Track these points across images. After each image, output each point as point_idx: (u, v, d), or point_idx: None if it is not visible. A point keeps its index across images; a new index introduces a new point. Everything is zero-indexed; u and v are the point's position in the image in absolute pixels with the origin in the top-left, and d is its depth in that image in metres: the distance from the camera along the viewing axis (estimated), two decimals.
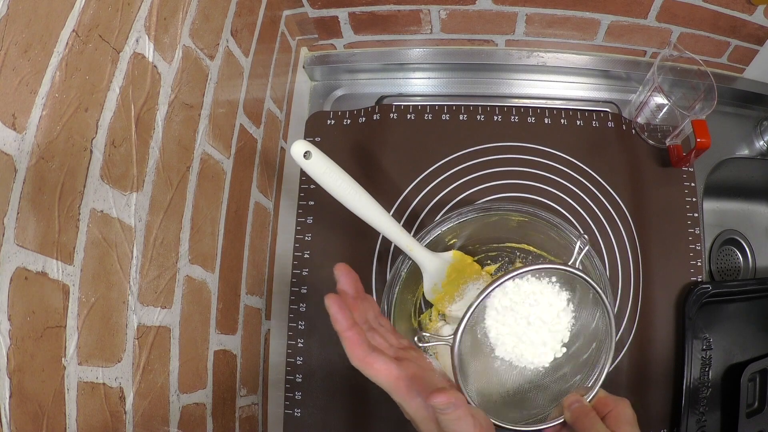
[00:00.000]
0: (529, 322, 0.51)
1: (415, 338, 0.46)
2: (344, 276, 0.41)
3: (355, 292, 0.41)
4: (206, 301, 0.51)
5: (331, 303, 0.37)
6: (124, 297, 0.39)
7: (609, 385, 0.49)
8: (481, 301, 0.46)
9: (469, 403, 0.46)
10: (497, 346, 0.52)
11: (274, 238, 0.69)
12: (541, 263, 0.48)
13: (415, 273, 0.57)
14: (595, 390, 0.47)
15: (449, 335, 0.46)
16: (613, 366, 0.61)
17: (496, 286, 0.46)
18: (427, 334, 0.52)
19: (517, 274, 0.47)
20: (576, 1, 0.66)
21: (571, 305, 0.52)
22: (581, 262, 0.53)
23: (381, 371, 0.37)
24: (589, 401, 0.46)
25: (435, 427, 0.38)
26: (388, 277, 0.60)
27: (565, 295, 0.52)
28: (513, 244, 0.61)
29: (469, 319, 0.46)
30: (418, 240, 0.55)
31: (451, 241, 0.59)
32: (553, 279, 0.51)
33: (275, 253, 0.69)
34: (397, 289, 0.56)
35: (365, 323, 0.41)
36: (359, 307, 0.41)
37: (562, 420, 0.47)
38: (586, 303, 0.51)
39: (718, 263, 0.83)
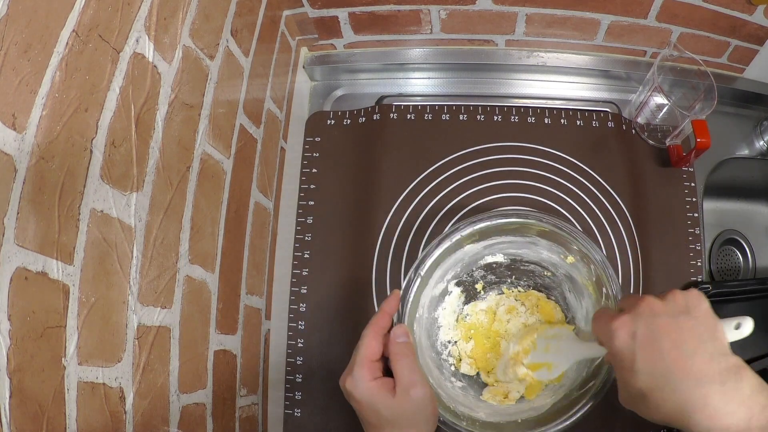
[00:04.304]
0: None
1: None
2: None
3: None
4: (206, 301, 0.51)
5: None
6: (124, 297, 0.39)
7: (609, 387, 0.49)
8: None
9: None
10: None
11: (274, 238, 0.69)
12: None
13: None
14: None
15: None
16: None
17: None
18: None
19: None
20: (576, 1, 0.66)
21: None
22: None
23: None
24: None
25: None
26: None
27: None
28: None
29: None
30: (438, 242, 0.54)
31: (468, 244, 0.56)
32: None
33: (275, 253, 0.69)
34: None
35: None
36: None
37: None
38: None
39: (718, 263, 0.83)
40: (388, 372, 0.46)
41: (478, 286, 0.60)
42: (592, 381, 0.50)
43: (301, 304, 0.66)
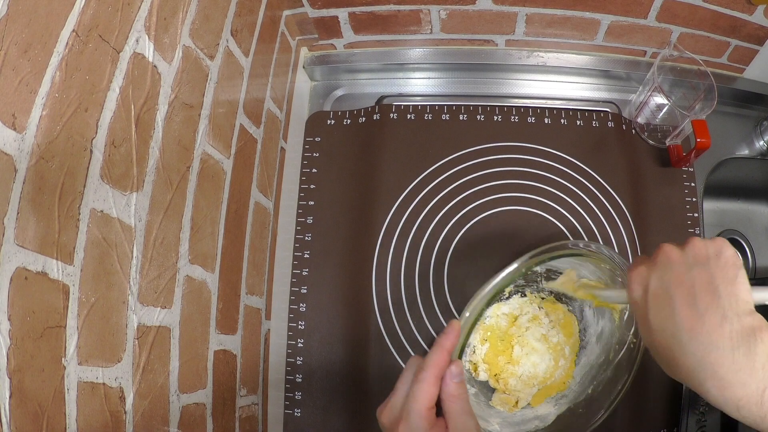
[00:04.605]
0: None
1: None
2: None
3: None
4: (206, 301, 0.51)
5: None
6: (124, 297, 0.39)
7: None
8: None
9: None
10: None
11: (274, 238, 0.69)
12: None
13: None
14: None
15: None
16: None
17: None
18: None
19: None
20: (576, 1, 0.66)
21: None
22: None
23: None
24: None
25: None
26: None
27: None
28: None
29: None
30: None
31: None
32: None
33: (275, 253, 0.69)
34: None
35: None
36: None
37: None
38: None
39: None
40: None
41: (507, 289, 0.59)
42: (606, 408, 0.52)
43: (301, 304, 0.66)
